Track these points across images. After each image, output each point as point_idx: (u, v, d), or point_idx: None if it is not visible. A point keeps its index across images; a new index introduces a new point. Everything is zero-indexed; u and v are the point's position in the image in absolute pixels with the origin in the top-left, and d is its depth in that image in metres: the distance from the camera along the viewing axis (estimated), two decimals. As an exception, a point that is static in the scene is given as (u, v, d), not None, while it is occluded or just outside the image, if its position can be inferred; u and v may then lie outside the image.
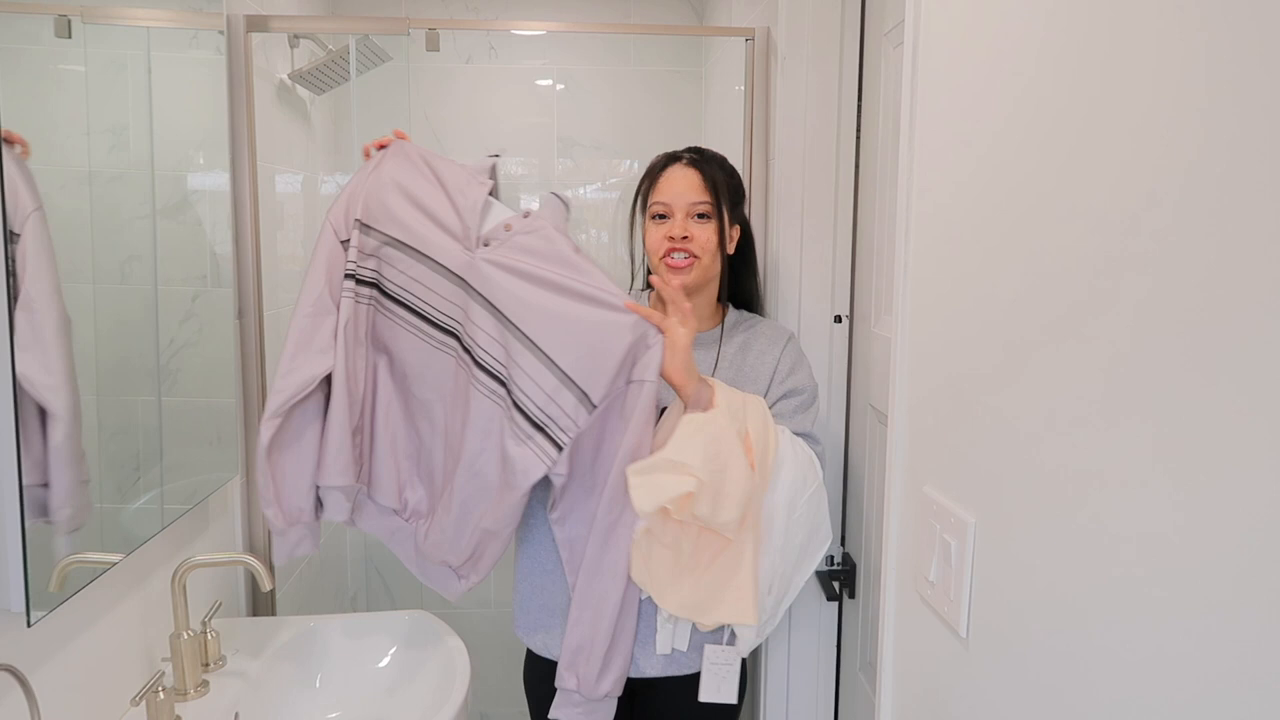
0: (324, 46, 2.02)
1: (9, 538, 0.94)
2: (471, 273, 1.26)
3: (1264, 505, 0.43)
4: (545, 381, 1.20)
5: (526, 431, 1.22)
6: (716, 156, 1.39)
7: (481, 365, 1.26)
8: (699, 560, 1.18)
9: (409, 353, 1.33)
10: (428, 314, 1.31)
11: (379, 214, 1.30)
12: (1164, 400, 0.50)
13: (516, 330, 1.23)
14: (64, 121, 1.09)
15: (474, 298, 1.26)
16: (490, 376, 1.26)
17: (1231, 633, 0.46)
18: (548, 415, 1.21)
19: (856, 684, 1.62)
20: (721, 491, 1.10)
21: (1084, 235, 0.58)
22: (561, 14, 2.51)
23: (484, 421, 1.26)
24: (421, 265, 1.30)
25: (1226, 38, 0.46)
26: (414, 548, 1.36)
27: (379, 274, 1.32)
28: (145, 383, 1.28)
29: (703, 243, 1.32)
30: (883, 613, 0.93)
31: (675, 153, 1.38)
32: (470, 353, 1.28)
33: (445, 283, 1.29)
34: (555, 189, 1.36)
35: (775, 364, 1.36)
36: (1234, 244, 0.45)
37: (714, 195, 1.31)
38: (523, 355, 1.22)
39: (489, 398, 1.26)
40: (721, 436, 1.12)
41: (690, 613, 1.18)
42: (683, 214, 1.32)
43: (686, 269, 1.31)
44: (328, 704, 1.42)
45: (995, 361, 0.70)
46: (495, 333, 1.25)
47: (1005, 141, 0.68)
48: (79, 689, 1.13)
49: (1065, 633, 0.60)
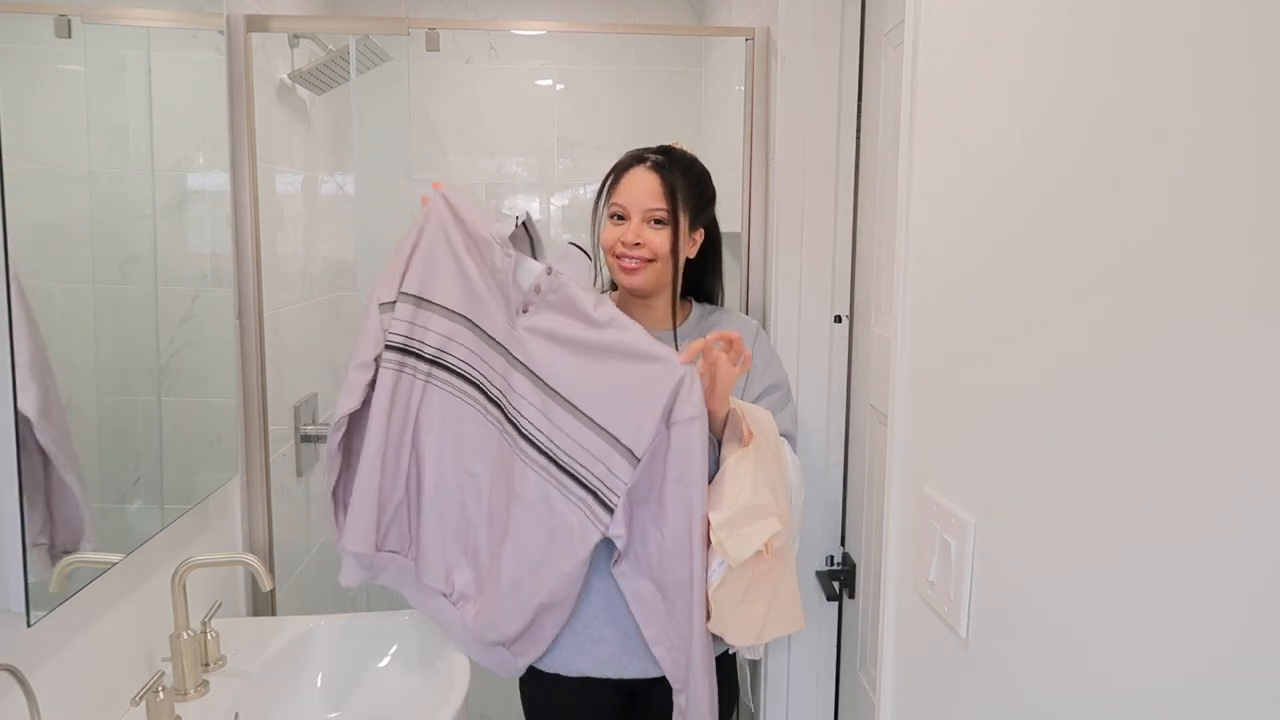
0: (324, 46, 2.02)
1: (9, 538, 0.94)
2: (514, 343, 1.29)
3: (1264, 506, 0.43)
4: (592, 445, 1.22)
5: (579, 496, 1.23)
6: (684, 159, 1.37)
7: (526, 436, 1.27)
8: (764, 585, 1.20)
9: (466, 424, 1.33)
10: (483, 385, 1.32)
11: (432, 286, 1.32)
12: (1164, 401, 0.50)
13: (558, 396, 1.25)
14: (64, 121, 1.09)
15: (515, 367, 1.28)
16: (535, 448, 1.26)
17: (1231, 634, 0.46)
18: (596, 477, 1.22)
19: (856, 684, 1.62)
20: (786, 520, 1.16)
21: (1086, 235, 0.58)
22: (561, 14, 2.51)
23: (530, 494, 1.26)
24: (475, 336, 1.32)
25: (1231, 36, 0.46)
26: (463, 629, 1.35)
27: (442, 350, 1.33)
28: (145, 383, 1.28)
29: (655, 248, 1.32)
30: (883, 613, 0.93)
31: (641, 152, 1.37)
32: (516, 425, 1.28)
33: (493, 353, 1.31)
34: (554, 193, 1.37)
35: None
36: (1234, 244, 0.45)
37: (671, 202, 1.31)
38: (566, 421, 1.24)
39: (534, 470, 1.26)
40: (773, 464, 1.17)
41: (753, 638, 1.20)
42: (639, 218, 1.32)
43: (636, 272, 1.33)
44: (328, 704, 1.42)
45: (996, 361, 0.70)
46: (538, 401, 1.26)
47: (1006, 141, 0.68)
48: (79, 689, 1.13)
49: (1065, 633, 0.60)
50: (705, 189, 1.39)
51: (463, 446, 1.33)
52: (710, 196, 1.41)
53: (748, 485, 1.15)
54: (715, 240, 1.46)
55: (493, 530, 1.32)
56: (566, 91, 2.50)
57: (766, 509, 1.14)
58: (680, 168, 1.35)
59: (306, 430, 2.07)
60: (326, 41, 2.02)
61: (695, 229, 1.37)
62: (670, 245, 1.32)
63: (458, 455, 1.34)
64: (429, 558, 1.35)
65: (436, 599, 1.36)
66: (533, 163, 2.51)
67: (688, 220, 1.33)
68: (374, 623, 1.51)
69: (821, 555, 1.67)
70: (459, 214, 1.33)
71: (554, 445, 1.25)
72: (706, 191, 1.39)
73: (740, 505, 1.13)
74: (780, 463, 1.22)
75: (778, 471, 1.19)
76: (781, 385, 1.37)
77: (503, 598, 1.27)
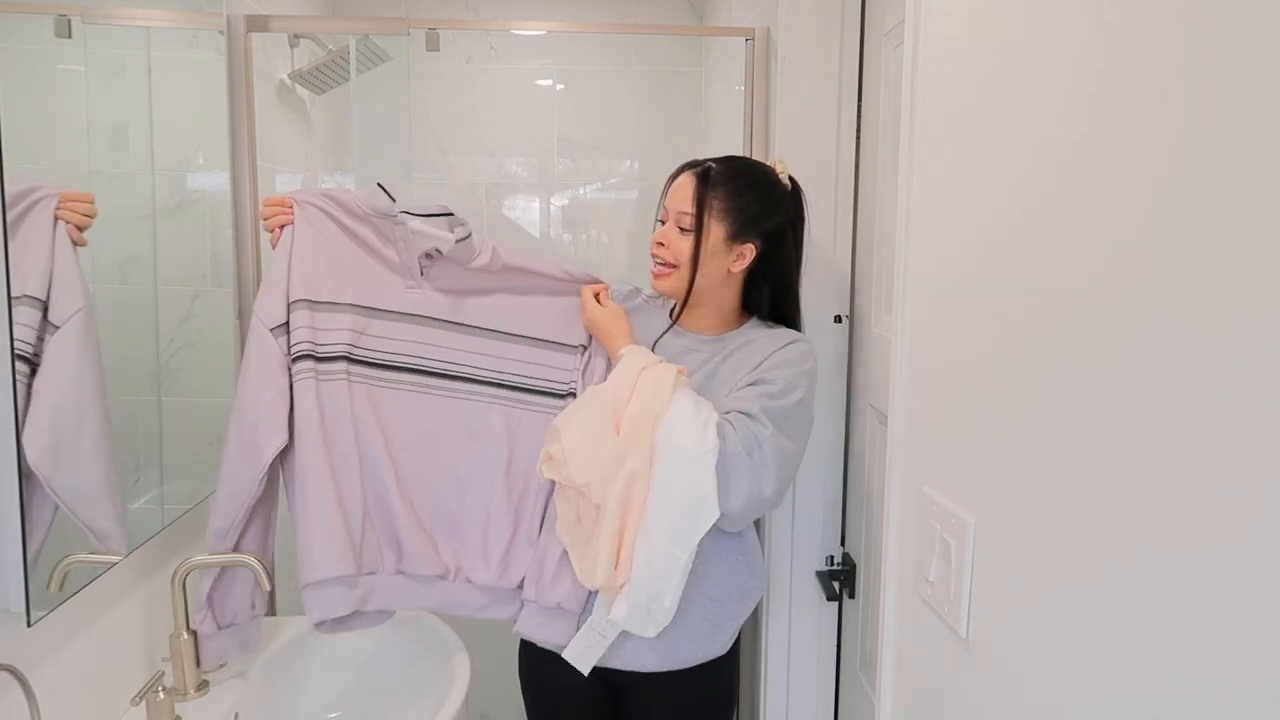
0: (324, 46, 2.02)
1: (9, 538, 0.94)
2: (429, 305, 1.34)
3: (1265, 507, 0.43)
4: (540, 357, 1.35)
5: (545, 403, 1.35)
6: (735, 168, 1.32)
7: (476, 379, 1.35)
8: (588, 528, 1.23)
9: (405, 407, 1.33)
10: (406, 364, 1.33)
11: (319, 286, 1.28)
12: (1164, 402, 0.50)
13: (491, 331, 1.34)
14: (64, 121, 1.09)
15: (440, 326, 1.34)
16: (490, 385, 1.34)
17: (1231, 636, 0.46)
18: (552, 380, 1.35)
19: (856, 684, 1.62)
20: (579, 457, 1.20)
21: (1086, 235, 0.58)
22: (561, 14, 2.51)
23: (495, 426, 1.35)
24: (382, 319, 1.32)
25: (1234, 37, 0.46)
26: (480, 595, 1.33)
27: (354, 345, 1.30)
28: (145, 383, 1.28)
29: (676, 252, 1.29)
30: (883, 613, 0.93)
31: (695, 160, 1.34)
32: (462, 377, 1.35)
33: (407, 326, 1.33)
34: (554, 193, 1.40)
35: (760, 359, 1.29)
36: (1236, 245, 0.45)
37: (697, 208, 1.27)
38: (510, 348, 1.35)
39: (496, 404, 1.34)
40: (597, 402, 1.23)
41: (582, 578, 1.22)
42: (673, 222, 1.31)
43: (661, 277, 1.33)
44: (328, 704, 1.42)
45: (995, 361, 0.70)
46: (476, 346, 1.34)
47: (1006, 139, 0.68)
48: (79, 689, 1.13)
49: (1065, 632, 0.60)
50: (759, 202, 1.30)
51: (408, 430, 1.33)
52: (766, 210, 1.30)
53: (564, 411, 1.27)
54: (777, 258, 1.35)
55: (466, 492, 1.34)
56: (566, 91, 2.50)
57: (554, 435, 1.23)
58: (725, 177, 1.29)
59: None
60: (326, 41, 2.02)
61: (739, 241, 1.30)
62: (691, 253, 1.28)
63: (407, 442, 1.33)
64: (414, 550, 1.30)
65: (439, 585, 1.32)
66: (533, 163, 2.51)
67: (724, 231, 1.28)
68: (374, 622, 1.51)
69: (821, 555, 1.67)
70: (326, 207, 1.31)
71: (507, 374, 1.35)
72: (761, 205, 1.30)
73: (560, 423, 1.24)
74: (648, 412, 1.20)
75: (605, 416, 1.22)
76: (771, 382, 1.25)
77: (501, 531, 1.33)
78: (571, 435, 1.22)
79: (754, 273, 1.35)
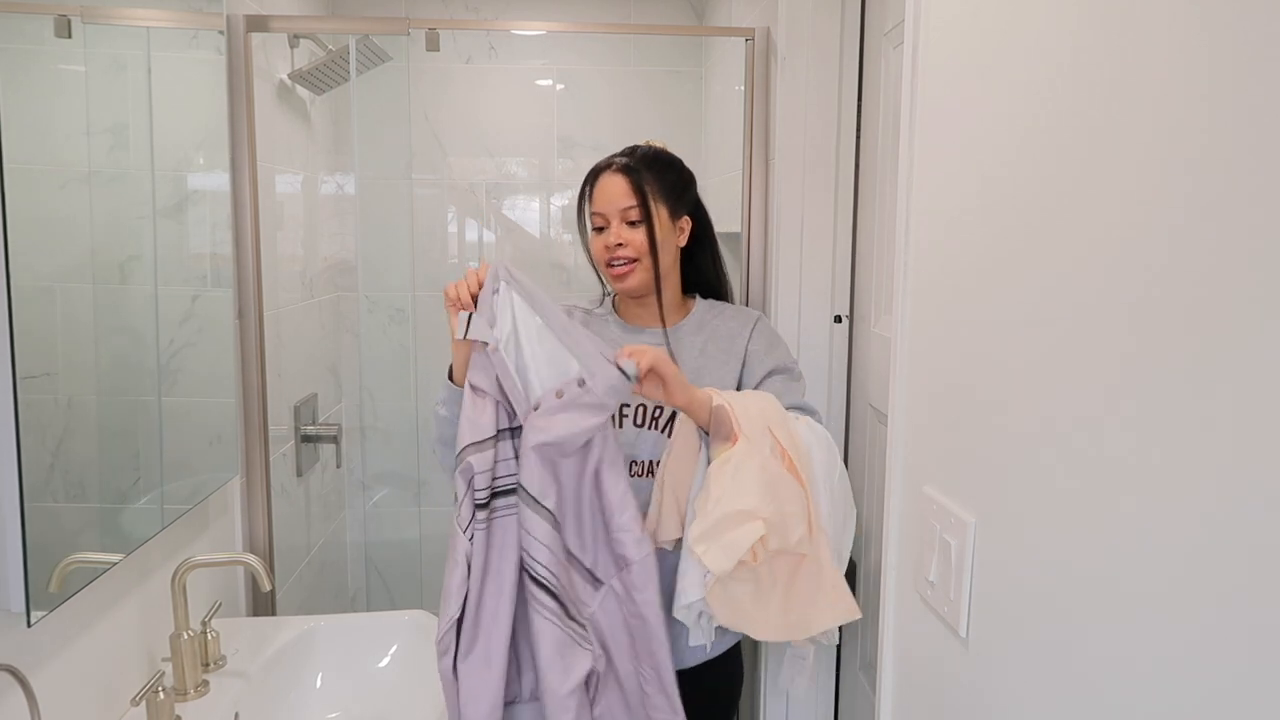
0: (324, 46, 2.02)
1: (9, 538, 0.94)
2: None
3: (1264, 508, 0.43)
4: None
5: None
6: (649, 154, 1.37)
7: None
8: (778, 578, 1.18)
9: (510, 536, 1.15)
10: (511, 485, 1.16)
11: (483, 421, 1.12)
12: (1164, 403, 0.50)
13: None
14: (64, 121, 1.09)
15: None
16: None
17: (1231, 636, 0.46)
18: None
19: (856, 684, 1.62)
20: (785, 519, 1.12)
21: (1086, 237, 0.58)
22: (561, 14, 2.51)
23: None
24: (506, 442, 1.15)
25: (1239, 39, 0.46)
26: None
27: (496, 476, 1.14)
28: (145, 383, 1.28)
29: (636, 246, 1.33)
30: (883, 613, 0.93)
31: (607, 160, 1.38)
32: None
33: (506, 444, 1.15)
34: (554, 193, 1.36)
35: (745, 347, 1.36)
36: (1235, 245, 0.45)
37: (640, 197, 1.32)
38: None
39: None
40: (765, 465, 1.13)
41: (792, 632, 1.18)
42: (616, 221, 1.33)
43: (626, 275, 1.33)
44: (328, 704, 1.42)
45: (995, 361, 0.70)
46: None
47: (1007, 141, 0.68)
48: (79, 689, 1.13)
49: (1065, 633, 0.60)
50: (678, 176, 1.39)
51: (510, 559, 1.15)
52: (686, 182, 1.40)
53: (724, 489, 1.11)
54: (705, 225, 1.44)
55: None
56: (566, 91, 2.50)
57: (750, 514, 1.10)
58: (645, 163, 1.35)
59: (306, 430, 2.08)
60: (326, 42, 2.02)
61: (678, 217, 1.37)
62: (648, 242, 1.32)
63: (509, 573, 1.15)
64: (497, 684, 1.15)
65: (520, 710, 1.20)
66: (533, 163, 2.51)
67: (665, 211, 1.34)
68: (374, 623, 1.51)
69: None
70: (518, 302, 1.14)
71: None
72: (680, 178, 1.39)
73: (721, 513, 1.11)
74: (796, 446, 1.18)
75: (781, 473, 1.16)
76: (786, 368, 1.36)
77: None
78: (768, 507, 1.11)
79: (689, 248, 1.42)
